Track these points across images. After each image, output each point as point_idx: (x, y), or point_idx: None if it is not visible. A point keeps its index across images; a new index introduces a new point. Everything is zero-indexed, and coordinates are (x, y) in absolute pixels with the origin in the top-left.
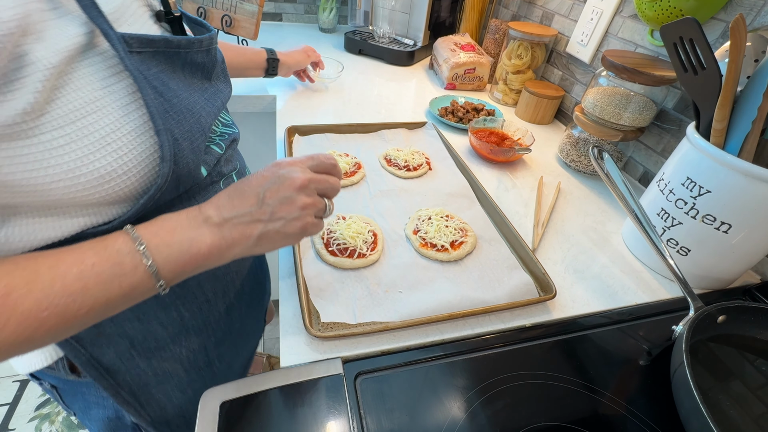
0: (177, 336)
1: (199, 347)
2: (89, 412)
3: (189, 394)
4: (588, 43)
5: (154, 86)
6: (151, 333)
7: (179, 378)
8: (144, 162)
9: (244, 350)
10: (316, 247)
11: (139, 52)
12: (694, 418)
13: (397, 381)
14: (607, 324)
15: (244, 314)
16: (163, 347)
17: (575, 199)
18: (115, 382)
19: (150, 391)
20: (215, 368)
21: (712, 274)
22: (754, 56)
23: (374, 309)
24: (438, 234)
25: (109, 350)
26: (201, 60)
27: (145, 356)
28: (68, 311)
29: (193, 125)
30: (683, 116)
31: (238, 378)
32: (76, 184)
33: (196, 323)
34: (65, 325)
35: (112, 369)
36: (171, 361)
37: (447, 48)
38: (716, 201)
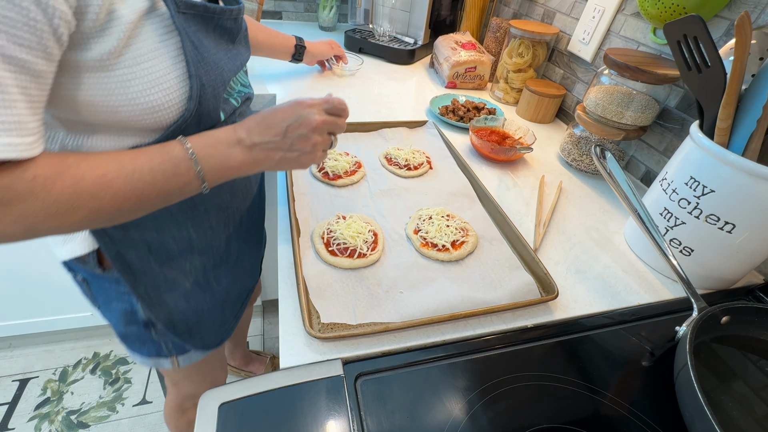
0: (183, 251)
1: (200, 265)
2: (110, 304)
3: (192, 305)
4: (590, 42)
5: (192, 41)
6: (164, 244)
7: (184, 288)
8: (181, 100)
9: (240, 284)
10: (316, 247)
11: (184, 13)
12: (699, 420)
13: (398, 382)
14: (610, 324)
15: (240, 248)
16: (172, 258)
17: (577, 199)
18: (135, 279)
19: (161, 294)
20: (214, 289)
21: (715, 274)
22: (759, 54)
23: (375, 309)
24: (439, 234)
25: (131, 251)
26: (229, 26)
27: (158, 263)
28: (144, 194)
29: (216, 77)
30: (686, 115)
31: (233, 311)
32: (136, 112)
33: (200, 244)
34: (140, 205)
35: (132, 267)
36: (178, 271)
37: (448, 46)
38: (720, 200)
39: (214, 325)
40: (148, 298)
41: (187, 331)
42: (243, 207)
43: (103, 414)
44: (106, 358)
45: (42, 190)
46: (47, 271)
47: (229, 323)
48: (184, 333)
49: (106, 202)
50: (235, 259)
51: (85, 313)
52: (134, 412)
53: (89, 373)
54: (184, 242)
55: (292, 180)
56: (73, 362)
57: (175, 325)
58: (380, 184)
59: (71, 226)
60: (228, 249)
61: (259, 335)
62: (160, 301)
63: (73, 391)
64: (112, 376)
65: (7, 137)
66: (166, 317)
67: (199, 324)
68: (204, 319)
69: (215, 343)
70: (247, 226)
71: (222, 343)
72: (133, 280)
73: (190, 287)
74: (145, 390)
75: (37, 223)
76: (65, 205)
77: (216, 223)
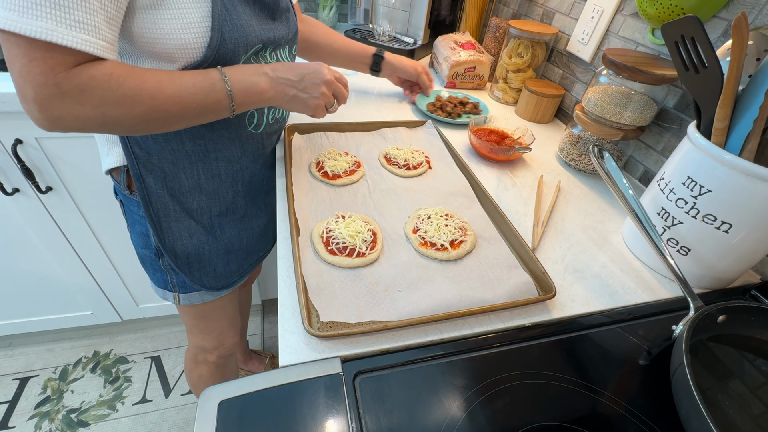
0: (193, 190)
1: (206, 207)
2: (134, 226)
3: (194, 241)
4: (589, 42)
5: (225, 3)
6: (177, 178)
7: (189, 224)
8: (203, 45)
9: (246, 240)
10: (315, 246)
11: None
12: (694, 418)
13: (397, 380)
14: (607, 323)
15: (248, 206)
16: (183, 193)
17: (575, 198)
18: (150, 201)
19: (170, 223)
20: (217, 235)
21: (712, 274)
22: (756, 55)
23: (374, 308)
24: (437, 233)
25: (150, 175)
26: (268, 0)
27: (169, 193)
28: (186, 103)
29: (239, 37)
30: (684, 115)
31: (238, 266)
32: (168, 46)
33: (208, 188)
34: (183, 112)
35: (149, 189)
36: (185, 206)
37: (447, 46)
38: (717, 200)
39: (216, 271)
40: (158, 223)
41: (187, 264)
42: (253, 168)
43: (103, 413)
44: (107, 357)
45: (116, 83)
46: (47, 270)
47: (232, 276)
48: (184, 265)
49: (160, 103)
50: (242, 215)
51: (86, 312)
52: (134, 411)
53: (89, 372)
54: (194, 181)
55: (292, 180)
56: (73, 361)
57: (177, 255)
58: (379, 184)
59: (134, 117)
60: (235, 202)
61: (258, 334)
62: (167, 230)
63: (73, 390)
64: (112, 375)
65: (86, 35)
66: (170, 246)
67: (200, 262)
68: (205, 260)
69: (213, 286)
70: (256, 189)
71: (220, 290)
72: (147, 202)
73: (195, 225)
74: (145, 389)
75: (110, 110)
76: (131, 98)
77: (225, 173)
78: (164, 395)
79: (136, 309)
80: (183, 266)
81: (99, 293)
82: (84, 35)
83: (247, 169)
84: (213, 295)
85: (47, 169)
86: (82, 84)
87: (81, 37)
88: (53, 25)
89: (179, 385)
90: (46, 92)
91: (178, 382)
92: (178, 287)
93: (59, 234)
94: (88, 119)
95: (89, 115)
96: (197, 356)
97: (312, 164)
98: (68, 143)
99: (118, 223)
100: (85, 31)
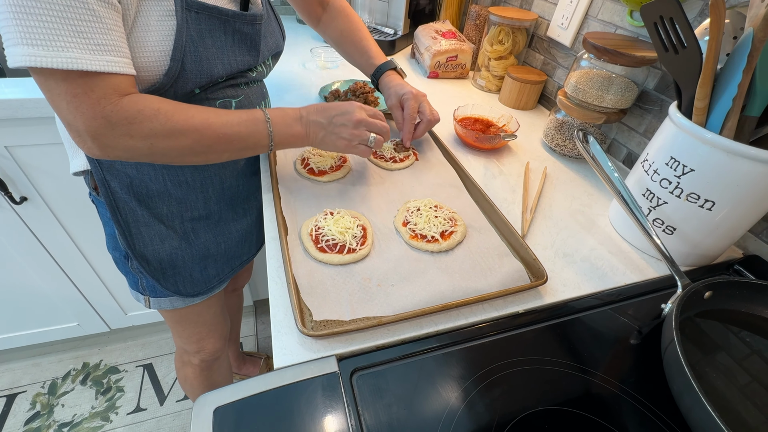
0: (162, 195)
1: (177, 212)
2: (105, 227)
3: (166, 247)
4: (568, 27)
5: (191, 35)
6: (143, 183)
7: (159, 229)
8: (160, 72)
9: (224, 245)
10: (305, 245)
11: (197, 12)
12: (687, 395)
13: (394, 375)
14: (598, 306)
15: (222, 211)
16: (151, 198)
17: (561, 183)
18: (116, 205)
19: (139, 228)
20: (191, 241)
21: (697, 251)
22: (733, 33)
23: (367, 304)
24: (428, 225)
25: (115, 179)
26: (248, 31)
27: (137, 198)
28: (230, 139)
29: (203, 68)
30: (664, 96)
31: (218, 271)
32: (135, 64)
33: (176, 194)
34: (226, 147)
35: (116, 195)
36: (154, 211)
37: (428, 36)
38: (700, 179)
39: (192, 276)
40: (126, 228)
41: (160, 271)
42: (223, 175)
43: (97, 424)
44: (96, 367)
45: (164, 117)
46: (28, 283)
47: (210, 282)
48: (156, 272)
49: (206, 137)
50: (217, 220)
51: (72, 324)
52: (129, 421)
53: (79, 384)
54: (161, 186)
55: (277, 178)
56: (61, 374)
57: (148, 261)
58: (367, 179)
59: (180, 149)
60: (207, 208)
61: (252, 335)
62: (137, 236)
63: (63, 404)
64: (104, 385)
65: (109, 56)
66: (140, 252)
67: (174, 268)
68: (179, 266)
69: (189, 292)
70: (231, 195)
71: (197, 296)
72: (114, 207)
73: (166, 230)
74: (139, 397)
75: (158, 141)
76: (179, 131)
77: (192, 180)
78: (159, 403)
79: (124, 317)
80: (155, 272)
81: (84, 304)
82: (108, 56)
83: (216, 176)
84: (184, 302)
85: (20, 178)
86: (130, 117)
87: (105, 59)
88: (79, 53)
89: (174, 392)
90: (96, 124)
91: (173, 389)
92: (148, 291)
93: (38, 245)
94: (136, 149)
95: (138, 146)
96: (182, 357)
97: (297, 161)
98: (40, 150)
99: (99, 230)
100: (107, 51)
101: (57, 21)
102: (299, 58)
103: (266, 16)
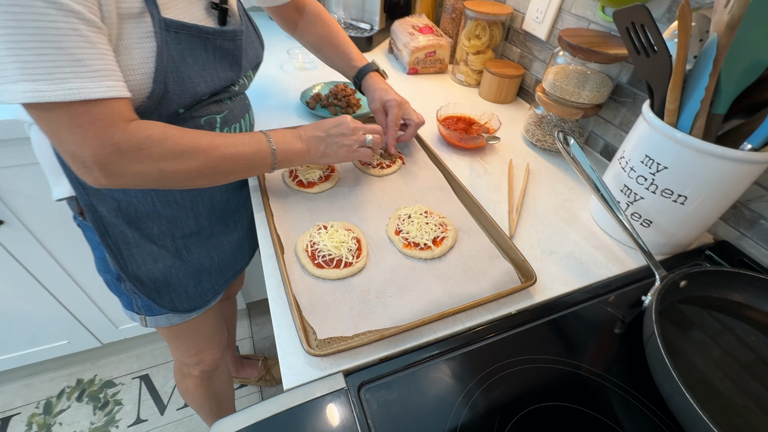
0: (151, 215)
1: (167, 231)
2: (94, 251)
3: (159, 266)
4: (543, 20)
5: (172, 55)
6: (131, 205)
7: (151, 249)
8: (143, 95)
9: (217, 259)
10: (302, 262)
11: (176, 32)
12: (667, 383)
13: (400, 386)
14: (585, 300)
15: (214, 226)
16: (141, 219)
17: (544, 179)
18: (105, 230)
19: (130, 250)
20: (184, 258)
21: (672, 241)
22: (699, 36)
23: (368, 317)
24: (419, 232)
25: (102, 204)
26: (229, 47)
27: (126, 221)
28: (236, 160)
29: (186, 88)
30: (637, 90)
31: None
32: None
33: (166, 213)
34: (232, 167)
35: (104, 219)
36: (144, 232)
37: (405, 32)
38: (673, 176)
39: (187, 292)
40: (117, 251)
41: (156, 290)
42: (212, 191)
43: None
44: (91, 383)
45: (173, 141)
46: (12, 306)
47: (205, 295)
48: (152, 291)
49: (213, 158)
50: (208, 234)
51: (61, 342)
52: None
53: (75, 401)
54: (150, 207)
55: (268, 196)
56: (55, 392)
57: (142, 282)
58: (356, 187)
59: (189, 172)
60: (198, 224)
61: (248, 338)
62: (129, 257)
63: (61, 422)
64: (101, 400)
65: (109, 81)
66: (133, 273)
67: (169, 286)
68: (174, 284)
69: (185, 308)
70: (221, 210)
71: (194, 311)
72: (103, 232)
73: (158, 250)
74: (138, 409)
75: (167, 165)
76: (188, 153)
77: (182, 199)
78: (159, 413)
79: (115, 331)
80: (151, 292)
81: (73, 321)
82: (108, 81)
83: (205, 193)
84: (181, 317)
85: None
86: (139, 143)
87: (106, 84)
88: (80, 83)
89: (174, 401)
90: (104, 153)
91: (172, 397)
92: (144, 310)
93: (20, 268)
94: (145, 175)
95: (147, 171)
96: (182, 369)
97: (285, 173)
98: (15, 172)
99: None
100: (106, 77)
101: (53, 52)
102: (276, 60)
103: (246, 30)
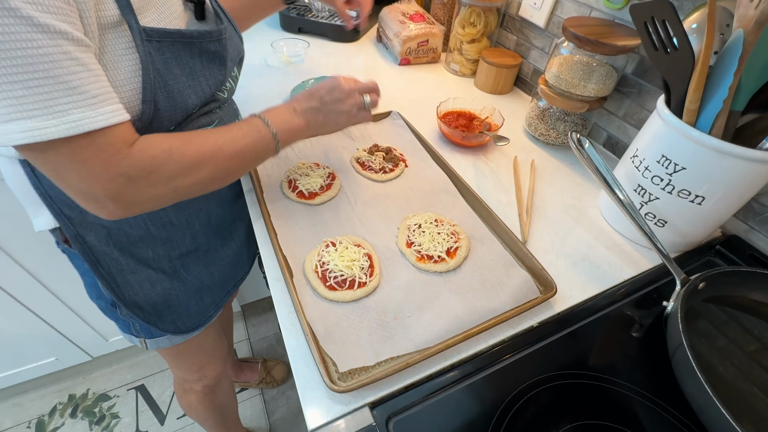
0: (145, 239)
1: (163, 253)
2: (84, 278)
3: (158, 290)
4: (541, 6)
5: (158, 69)
6: (122, 230)
7: (148, 274)
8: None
9: (217, 274)
10: (313, 284)
11: (158, 41)
12: (701, 398)
13: (427, 414)
14: (603, 307)
15: (211, 241)
16: (133, 244)
17: (549, 175)
18: (96, 259)
19: (125, 278)
20: (183, 278)
21: (686, 240)
22: (719, 30)
23: (388, 342)
24: (432, 244)
25: (90, 233)
26: (215, 48)
27: (118, 247)
28: (242, 154)
29: (177, 103)
30: (642, 80)
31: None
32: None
33: (160, 235)
34: (241, 163)
35: (94, 249)
36: (138, 257)
37: (395, 20)
38: (691, 177)
39: (189, 311)
40: (111, 280)
41: (156, 314)
42: (208, 207)
43: None
44: (84, 397)
45: (178, 155)
46: None
47: (207, 310)
48: (152, 315)
49: (221, 161)
50: (206, 250)
51: (49, 359)
52: None
53: (69, 417)
54: (143, 231)
55: (268, 210)
56: (47, 410)
57: (141, 307)
58: (359, 195)
59: (202, 182)
60: (195, 242)
61: (244, 340)
62: (125, 284)
63: None
64: (96, 414)
65: (109, 105)
66: (130, 299)
67: (170, 308)
68: (174, 305)
69: (189, 328)
70: (217, 224)
71: (196, 329)
72: (94, 261)
73: (155, 274)
74: (137, 421)
75: (179, 181)
76: (196, 165)
77: (177, 219)
78: (159, 423)
79: (105, 344)
80: (150, 317)
81: (60, 338)
82: (108, 106)
83: (202, 210)
84: (183, 337)
85: None
86: (147, 166)
87: (107, 110)
88: (80, 113)
89: (173, 410)
90: (116, 185)
91: (171, 406)
92: (143, 333)
93: (1, 293)
94: (161, 196)
95: (162, 192)
96: (183, 385)
97: (283, 184)
98: None
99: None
100: (106, 101)
101: (46, 82)
102: (260, 54)
103: (226, 25)
